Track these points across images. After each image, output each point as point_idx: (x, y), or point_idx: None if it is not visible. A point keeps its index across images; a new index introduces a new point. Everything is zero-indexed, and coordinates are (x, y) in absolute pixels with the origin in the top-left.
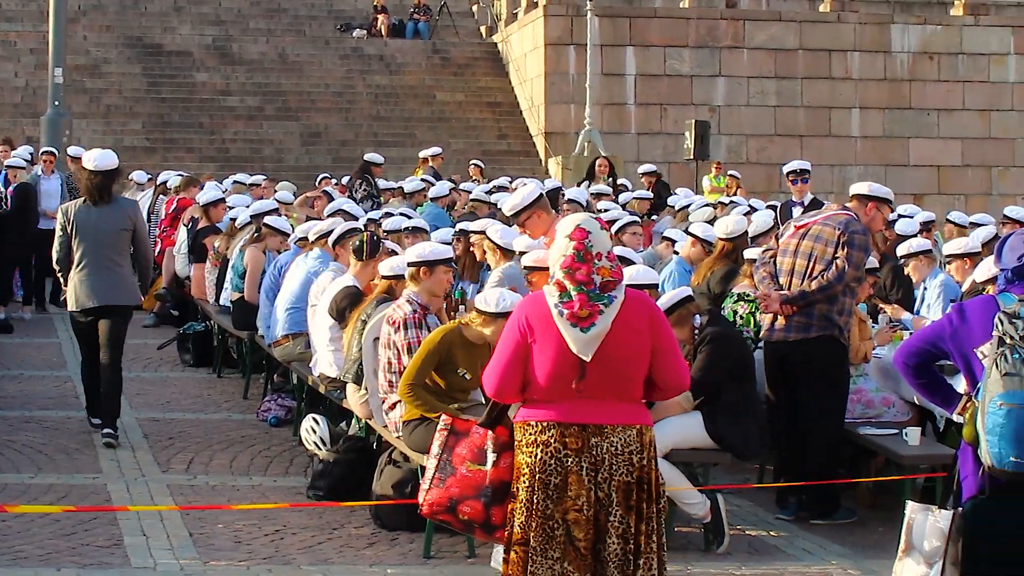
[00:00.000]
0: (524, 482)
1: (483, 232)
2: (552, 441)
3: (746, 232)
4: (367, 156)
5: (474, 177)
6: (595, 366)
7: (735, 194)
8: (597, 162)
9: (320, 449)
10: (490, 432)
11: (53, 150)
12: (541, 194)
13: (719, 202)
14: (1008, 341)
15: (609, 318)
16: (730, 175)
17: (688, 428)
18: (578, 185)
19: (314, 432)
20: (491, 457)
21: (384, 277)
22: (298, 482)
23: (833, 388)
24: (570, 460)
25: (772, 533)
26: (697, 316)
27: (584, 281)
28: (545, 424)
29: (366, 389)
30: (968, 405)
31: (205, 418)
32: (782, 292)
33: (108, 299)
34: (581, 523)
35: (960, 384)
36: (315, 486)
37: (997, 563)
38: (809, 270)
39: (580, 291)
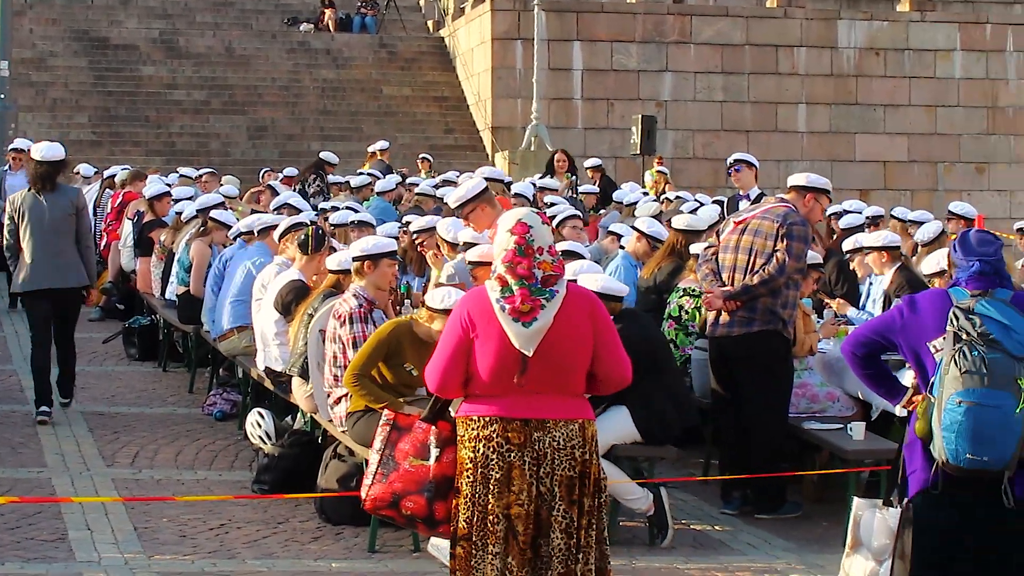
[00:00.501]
0: (467, 477)
1: (427, 231)
2: (495, 436)
3: (701, 231)
4: (322, 154)
5: (423, 171)
6: (537, 361)
7: (664, 190)
8: (556, 157)
9: (265, 443)
10: (433, 427)
11: (22, 147)
12: (486, 187)
13: (665, 198)
14: (965, 337)
15: (551, 312)
16: (658, 171)
17: (623, 426)
18: (539, 179)
19: (259, 426)
20: (434, 452)
21: (331, 271)
22: (243, 476)
23: (776, 383)
24: (513, 455)
25: (717, 527)
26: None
27: (525, 275)
28: (488, 419)
29: (312, 383)
30: (917, 399)
31: (150, 412)
32: (725, 288)
33: (57, 281)
34: (523, 517)
35: (905, 377)
36: (260, 480)
37: (945, 557)
38: (750, 265)
39: (522, 285)
